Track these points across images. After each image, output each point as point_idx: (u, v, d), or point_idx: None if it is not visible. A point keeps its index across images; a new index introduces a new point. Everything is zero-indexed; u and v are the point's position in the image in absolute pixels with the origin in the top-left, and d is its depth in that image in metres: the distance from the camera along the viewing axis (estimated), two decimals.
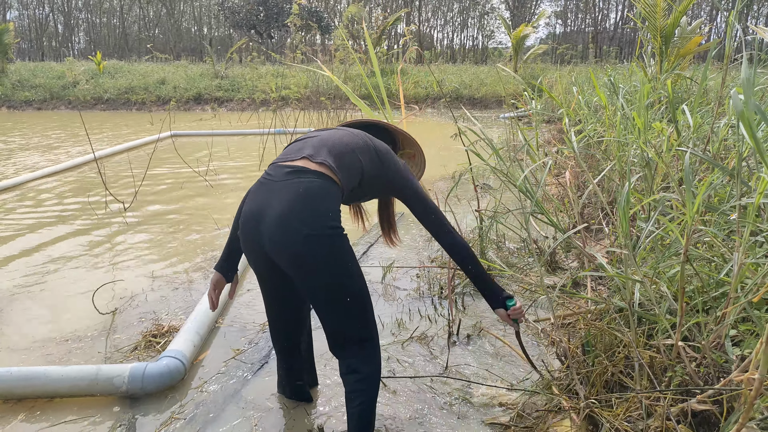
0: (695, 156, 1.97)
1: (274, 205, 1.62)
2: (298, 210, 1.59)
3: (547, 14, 28.43)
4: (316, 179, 1.65)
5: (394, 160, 1.87)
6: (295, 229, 1.58)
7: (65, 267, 3.69)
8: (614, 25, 39.82)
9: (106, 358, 2.54)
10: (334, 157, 1.73)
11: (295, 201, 1.60)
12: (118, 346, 2.64)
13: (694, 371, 1.60)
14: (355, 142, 1.81)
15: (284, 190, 1.64)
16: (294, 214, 1.59)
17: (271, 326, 2.03)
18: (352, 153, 1.77)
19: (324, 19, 29.60)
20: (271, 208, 1.62)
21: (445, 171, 6.38)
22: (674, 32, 6.16)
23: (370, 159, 1.81)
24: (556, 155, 5.21)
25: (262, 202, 1.67)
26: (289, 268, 1.66)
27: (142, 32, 42.65)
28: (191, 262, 3.77)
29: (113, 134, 11.19)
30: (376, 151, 1.83)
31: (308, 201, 1.61)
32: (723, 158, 3.22)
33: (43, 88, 17.89)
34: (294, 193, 1.61)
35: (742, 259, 1.59)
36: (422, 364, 2.46)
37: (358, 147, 1.80)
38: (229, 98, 17.55)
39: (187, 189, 6.01)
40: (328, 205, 1.64)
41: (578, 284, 3.17)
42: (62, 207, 5.26)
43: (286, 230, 1.59)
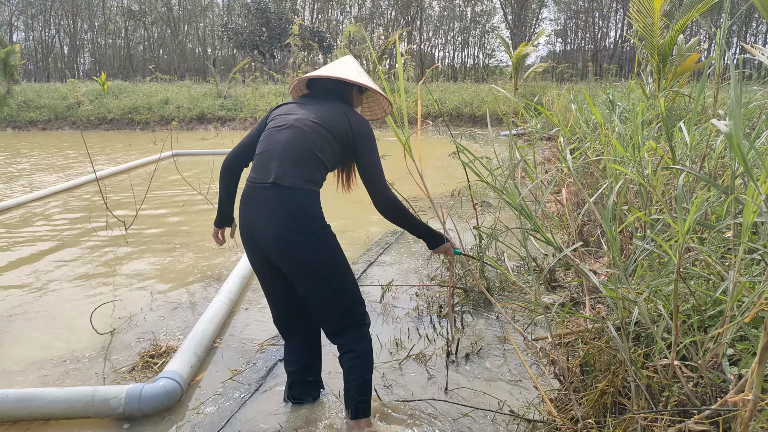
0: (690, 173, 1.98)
1: (266, 223, 1.89)
2: (289, 227, 1.86)
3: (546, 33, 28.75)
4: (292, 196, 1.87)
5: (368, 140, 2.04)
6: (290, 241, 1.86)
7: (64, 287, 3.70)
8: (614, 43, 40.17)
9: (103, 379, 2.53)
10: (299, 167, 1.91)
11: (283, 219, 1.86)
12: (116, 366, 2.63)
13: (691, 391, 1.59)
14: (314, 139, 1.95)
15: (268, 209, 1.88)
16: (286, 231, 1.86)
17: (277, 320, 2.21)
18: (312, 154, 1.94)
19: (326, 39, 29.95)
20: (263, 225, 1.89)
21: (445, 189, 6.39)
22: (671, 50, 6.21)
23: (339, 146, 2.01)
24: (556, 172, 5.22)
25: (253, 219, 1.93)
26: (289, 272, 1.94)
27: (146, 53, 43.19)
28: (191, 282, 3.77)
29: (116, 154, 11.27)
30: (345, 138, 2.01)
31: (293, 216, 1.87)
32: (720, 175, 3.23)
33: (47, 108, 18.08)
34: (279, 213, 1.87)
35: (738, 277, 1.58)
36: (420, 384, 2.44)
37: (318, 145, 1.95)
38: (232, 117, 17.69)
39: (187, 208, 6.03)
40: (309, 213, 1.90)
41: (578, 302, 3.15)
42: (63, 227, 5.29)
43: (282, 245, 1.87)
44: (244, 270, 3.65)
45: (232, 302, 3.23)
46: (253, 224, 1.92)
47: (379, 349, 2.77)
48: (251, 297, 3.49)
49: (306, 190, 1.89)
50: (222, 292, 3.23)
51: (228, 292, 3.24)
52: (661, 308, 1.76)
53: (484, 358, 2.68)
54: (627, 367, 1.77)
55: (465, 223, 4.90)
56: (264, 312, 3.25)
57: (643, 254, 1.94)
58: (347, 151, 2.05)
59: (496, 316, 3.14)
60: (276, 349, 2.77)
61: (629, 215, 2.70)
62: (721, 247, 2.16)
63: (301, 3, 41.34)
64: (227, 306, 3.11)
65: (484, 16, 43.82)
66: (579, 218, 2.90)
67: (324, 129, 1.97)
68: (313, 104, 2.07)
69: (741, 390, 1.33)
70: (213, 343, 2.83)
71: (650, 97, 5.78)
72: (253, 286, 3.67)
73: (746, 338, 1.78)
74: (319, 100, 2.10)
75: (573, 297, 3.22)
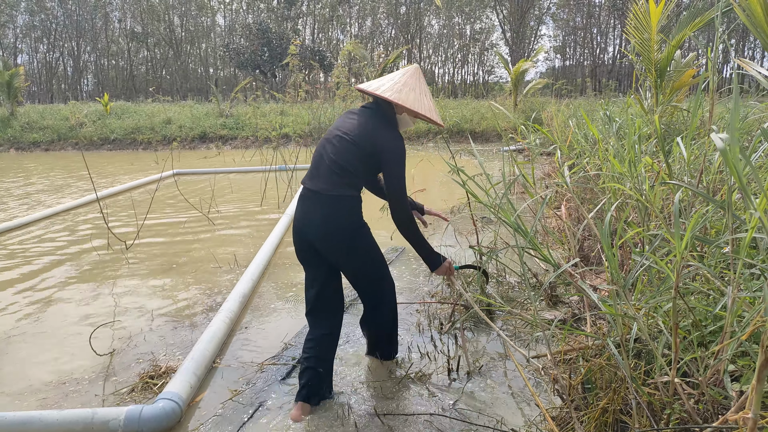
0: (688, 189, 1.98)
1: (317, 222, 2.29)
2: (333, 229, 2.28)
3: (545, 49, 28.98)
4: (335, 202, 2.26)
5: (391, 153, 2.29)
6: (337, 240, 2.30)
7: (63, 308, 3.69)
8: (612, 59, 40.48)
9: (103, 400, 2.52)
10: (333, 177, 2.27)
11: (329, 221, 2.27)
12: (116, 388, 2.62)
13: (692, 408, 1.58)
14: (343, 152, 2.29)
15: (314, 210, 2.29)
16: (333, 233, 2.29)
17: (310, 305, 2.47)
18: (340, 166, 2.28)
19: (327, 58, 30.25)
20: (314, 225, 2.30)
21: (446, 205, 6.41)
22: (669, 66, 6.25)
23: (366, 157, 2.30)
24: (553, 189, 5.24)
25: (304, 216, 2.33)
26: (336, 261, 2.38)
27: (149, 74, 43.64)
28: (192, 301, 3.77)
29: (118, 174, 11.33)
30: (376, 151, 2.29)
31: (337, 220, 2.27)
32: (719, 189, 3.23)
33: (50, 129, 18.21)
34: (326, 215, 2.27)
35: (736, 293, 1.58)
36: (421, 401, 2.42)
37: (346, 158, 2.29)
38: (234, 136, 17.80)
39: (189, 227, 6.05)
40: (350, 216, 2.31)
41: (580, 318, 3.14)
42: (63, 247, 5.29)
43: (330, 242, 2.30)
44: (244, 288, 3.65)
45: (232, 321, 3.22)
46: (304, 220, 2.32)
47: (379, 365, 2.76)
48: (251, 316, 3.49)
49: (334, 196, 2.26)
50: (222, 311, 3.22)
51: (228, 311, 3.23)
52: (661, 324, 1.76)
53: (486, 375, 2.66)
54: (628, 385, 1.75)
55: (465, 239, 4.90)
56: (264, 331, 3.24)
57: (642, 270, 1.93)
58: (375, 161, 2.30)
59: (498, 333, 3.12)
60: (276, 368, 2.76)
61: (629, 230, 2.70)
62: (720, 263, 2.15)
63: (302, 23, 41.85)
64: (227, 325, 3.10)
65: (483, 34, 44.27)
66: (578, 234, 2.89)
67: (351, 143, 2.28)
68: (354, 118, 2.37)
69: (742, 407, 1.32)
70: (213, 363, 2.81)
71: (648, 112, 5.81)
72: (253, 305, 3.67)
73: (747, 354, 1.77)
74: (363, 113, 2.38)
75: (574, 313, 3.20)
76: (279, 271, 4.43)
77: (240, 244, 5.28)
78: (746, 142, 4.45)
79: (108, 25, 41.99)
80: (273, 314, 3.52)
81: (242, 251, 4.99)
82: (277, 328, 3.30)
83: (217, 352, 2.88)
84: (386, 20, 43.34)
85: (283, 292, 3.92)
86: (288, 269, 4.45)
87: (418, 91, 2.36)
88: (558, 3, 42.61)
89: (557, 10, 43.17)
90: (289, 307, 3.63)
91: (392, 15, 41.92)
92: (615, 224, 3.21)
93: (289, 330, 3.25)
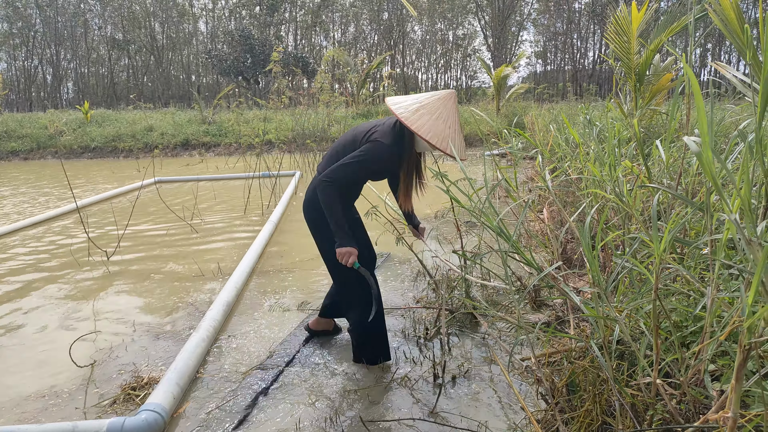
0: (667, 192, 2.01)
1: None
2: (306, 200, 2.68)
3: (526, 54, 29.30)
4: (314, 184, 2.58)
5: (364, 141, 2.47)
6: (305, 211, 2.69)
7: (43, 319, 3.62)
8: (592, 63, 41.03)
9: (84, 413, 2.47)
10: (324, 162, 2.61)
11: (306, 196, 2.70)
12: (97, 400, 2.57)
13: (675, 409, 1.59)
14: (342, 141, 2.59)
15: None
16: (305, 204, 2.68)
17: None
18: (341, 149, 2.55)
19: (310, 64, 30.23)
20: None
21: (431, 210, 6.43)
22: (647, 70, 6.35)
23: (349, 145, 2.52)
24: (539, 192, 5.28)
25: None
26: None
27: (130, 81, 43.24)
28: (174, 311, 3.72)
29: (99, 182, 11.18)
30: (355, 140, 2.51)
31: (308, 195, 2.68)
32: (698, 191, 3.28)
33: (29, 138, 17.95)
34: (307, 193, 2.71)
35: (715, 293, 1.60)
36: (406, 406, 2.41)
37: (346, 143, 2.55)
38: (217, 143, 17.69)
39: (171, 236, 5.98)
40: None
41: (565, 321, 3.16)
42: (43, 258, 5.20)
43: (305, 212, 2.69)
44: (228, 297, 3.61)
45: (216, 330, 3.19)
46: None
47: (365, 371, 2.75)
48: (236, 324, 3.45)
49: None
50: (205, 319, 3.18)
51: (211, 320, 3.20)
52: (643, 326, 1.77)
53: (471, 379, 2.66)
54: (611, 386, 1.77)
55: (450, 244, 4.92)
56: (249, 339, 3.22)
57: (624, 272, 1.95)
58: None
59: (483, 337, 3.13)
60: (261, 376, 2.73)
61: (610, 233, 2.73)
62: (700, 264, 2.18)
63: (285, 29, 41.80)
64: (211, 334, 3.07)
65: (465, 39, 44.64)
66: (561, 237, 2.92)
67: (342, 144, 2.56)
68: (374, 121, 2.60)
69: (722, 407, 1.33)
70: (197, 372, 2.78)
71: (628, 115, 5.89)
72: (238, 312, 3.64)
73: (727, 353, 1.79)
74: (384, 119, 2.57)
75: (558, 316, 3.22)
76: (264, 278, 4.40)
77: (223, 252, 5.23)
78: (724, 145, 4.53)
79: (88, 32, 41.53)
80: (258, 322, 3.49)
81: (226, 259, 4.95)
82: (262, 335, 3.27)
83: (200, 361, 2.84)
84: (369, 26, 43.49)
85: (267, 299, 3.89)
86: (273, 276, 4.42)
87: (436, 116, 2.34)
88: (539, 9, 43.16)
89: (538, 15, 43.72)
90: (275, 314, 3.60)
91: (375, 21, 42.10)
92: (596, 227, 3.24)
93: (274, 337, 3.23)
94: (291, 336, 3.23)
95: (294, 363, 2.90)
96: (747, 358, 1.07)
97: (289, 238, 5.68)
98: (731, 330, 1.23)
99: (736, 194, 1.41)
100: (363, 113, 18.99)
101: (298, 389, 2.62)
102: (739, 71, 2.08)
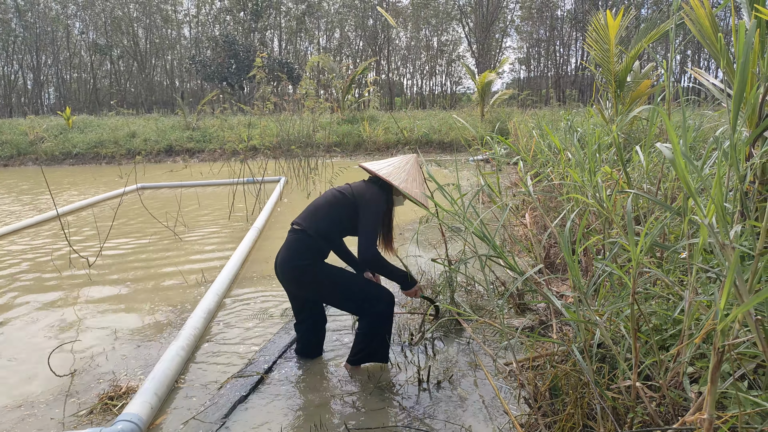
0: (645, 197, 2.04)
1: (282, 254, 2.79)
2: (289, 257, 2.73)
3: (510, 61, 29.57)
4: (297, 237, 2.76)
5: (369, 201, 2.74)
6: (291, 267, 2.73)
7: (22, 328, 3.56)
8: (574, 70, 41.54)
9: (62, 423, 2.42)
10: (310, 217, 2.79)
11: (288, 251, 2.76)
12: (75, 410, 2.53)
13: (654, 411, 1.61)
14: (330, 200, 2.82)
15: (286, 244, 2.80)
16: (288, 259, 2.73)
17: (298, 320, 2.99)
18: (330, 208, 2.80)
19: (295, 70, 30.20)
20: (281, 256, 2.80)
21: (415, 215, 6.45)
22: (627, 76, 6.44)
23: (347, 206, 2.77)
24: (522, 197, 5.32)
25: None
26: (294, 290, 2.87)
27: (113, 86, 42.82)
28: (156, 318, 3.68)
29: (80, 188, 11.04)
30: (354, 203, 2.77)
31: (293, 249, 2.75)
32: (677, 195, 3.33)
33: (9, 144, 17.68)
34: (287, 247, 2.78)
35: (693, 297, 1.62)
36: (391, 413, 2.41)
37: (333, 204, 2.80)
38: (201, 149, 17.58)
39: (154, 243, 5.92)
40: (303, 250, 2.73)
41: (549, 325, 3.18)
42: (23, 266, 5.11)
43: (289, 268, 2.73)
44: (210, 304, 3.58)
45: (197, 338, 3.15)
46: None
47: (349, 378, 2.74)
48: (217, 331, 3.42)
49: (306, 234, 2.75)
50: (185, 327, 3.15)
51: (192, 328, 3.16)
52: (623, 329, 1.79)
53: (456, 384, 2.66)
54: (592, 390, 1.78)
55: (434, 250, 4.93)
56: (230, 347, 3.18)
57: (604, 276, 1.97)
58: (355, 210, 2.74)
59: (467, 342, 3.14)
60: (240, 384, 2.71)
61: (590, 238, 2.75)
62: (679, 267, 2.21)
63: (270, 35, 41.75)
64: (191, 343, 3.03)
65: (449, 45, 44.95)
66: (544, 241, 2.94)
67: (340, 194, 2.81)
68: (355, 183, 2.88)
69: (699, 408, 1.35)
70: (176, 382, 2.74)
71: (609, 121, 5.97)
72: (219, 320, 3.60)
73: (705, 356, 1.82)
74: (364, 182, 2.89)
75: (542, 320, 3.24)
76: (248, 284, 4.36)
77: (207, 259, 5.19)
78: (703, 150, 4.60)
79: (69, 37, 41.09)
80: (239, 329, 3.46)
81: (209, 266, 4.91)
82: (244, 342, 3.25)
83: (180, 370, 2.80)
84: (354, 32, 43.60)
85: (250, 305, 3.87)
86: (256, 282, 4.39)
87: (406, 175, 2.86)
88: (522, 16, 43.61)
89: (521, 22, 44.18)
90: (257, 321, 3.57)
91: (360, 27, 42.22)
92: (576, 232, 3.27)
93: (257, 344, 3.20)
94: (270, 343, 3.21)
95: (274, 369, 2.88)
96: (721, 360, 1.09)
97: (273, 244, 5.65)
98: (706, 332, 1.25)
99: (710, 200, 1.43)
100: (348, 119, 19.01)
101: (278, 397, 2.60)
102: (717, 78, 2.12)
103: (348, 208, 2.76)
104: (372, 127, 17.74)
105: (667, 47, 30.27)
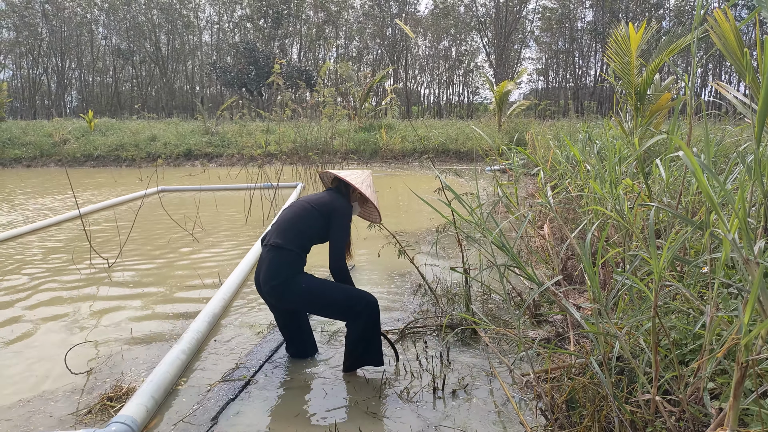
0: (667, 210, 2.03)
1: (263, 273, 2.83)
2: (271, 276, 2.78)
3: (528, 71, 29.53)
4: (276, 254, 2.81)
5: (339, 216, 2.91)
6: (273, 286, 2.77)
7: (42, 326, 3.63)
8: (593, 82, 41.30)
9: (62, 422, 2.45)
10: (285, 232, 2.85)
11: (269, 270, 2.80)
12: (75, 409, 2.55)
13: (673, 426, 1.60)
14: (300, 214, 2.91)
15: (266, 263, 2.84)
16: (270, 278, 2.77)
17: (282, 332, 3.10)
18: (303, 221, 2.89)
19: (313, 77, 30.46)
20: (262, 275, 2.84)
21: (431, 224, 6.45)
22: (648, 89, 6.41)
23: (319, 218, 2.90)
24: (540, 208, 5.31)
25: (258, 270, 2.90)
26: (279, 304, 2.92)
27: (134, 90, 43.52)
28: (171, 320, 3.73)
29: (102, 190, 11.22)
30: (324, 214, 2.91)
31: (273, 268, 2.80)
32: (698, 209, 3.30)
33: (33, 145, 18.04)
34: (267, 266, 2.81)
35: (714, 312, 1.61)
36: (406, 420, 2.41)
37: (304, 217, 2.89)
38: (219, 154, 17.78)
39: (173, 244, 6.00)
40: (284, 266, 2.79)
41: (565, 337, 3.16)
42: (45, 264, 5.22)
43: (271, 287, 2.78)
44: (215, 308, 3.61)
45: (199, 342, 3.16)
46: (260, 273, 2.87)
47: (364, 384, 2.75)
48: (221, 336, 3.44)
49: (287, 250, 2.80)
50: (188, 331, 3.16)
51: (195, 332, 3.18)
52: (642, 343, 1.79)
53: (471, 393, 2.66)
54: (610, 403, 1.77)
55: (450, 260, 4.94)
56: (232, 351, 3.20)
57: (623, 289, 1.97)
58: (327, 222, 2.89)
59: (483, 351, 3.14)
60: (228, 387, 2.73)
61: (610, 250, 2.74)
62: (700, 282, 2.20)
63: (289, 42, 42.17)
64: (193, 346, 3.04)
65: (468, 56, 44.99)
66: (561, 253, 2.93)
67: (312, 208, 2.90)
68: (320, 194, 3.02)
69: (720, 424, 1.34)
70: (175, 385, 2.75)
71: (629, 134, 5.94)
72: (224, 324, 3.64)
73: (726, 372, 1.80)
74: (327, 192, 3.05)
75: (558, 332, 3.23)
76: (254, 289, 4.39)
77: (224, 262, 5.24)
78: (724, 165, 4.56)
79: (93, 41, 41.89)
80: (244, 333, 3.49)
81: (226, 269, 4.96)
82: (245, 347, 3.27)
83: (179, 373, 2.81)
84: (373, 41, 43.85)
85: (256, 310, 3.89)
86: None
87: (366, 185, 3.08)
88: (541, 26, 43.53)
89: (540, 33, 44.10)
90: (262, 326, 3.59)
91: (379, 36, 42.46)
92: (597, 244, 3.26)
93: (260, 348, 3.23)
94: (257, 347, 3.24)
95: (262, 372, 2.92)
96: (744, 376, 1.09)
97: None
98: (728, 347, 1.25)
99: (734, 215, 1.43)
100: (365, 127, 19.10)
101: (267, 400, 2.63)
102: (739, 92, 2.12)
103: (320, 219, 2.89)
104: (389, 135, 17.81)
105: (688, 60, 30.00)
